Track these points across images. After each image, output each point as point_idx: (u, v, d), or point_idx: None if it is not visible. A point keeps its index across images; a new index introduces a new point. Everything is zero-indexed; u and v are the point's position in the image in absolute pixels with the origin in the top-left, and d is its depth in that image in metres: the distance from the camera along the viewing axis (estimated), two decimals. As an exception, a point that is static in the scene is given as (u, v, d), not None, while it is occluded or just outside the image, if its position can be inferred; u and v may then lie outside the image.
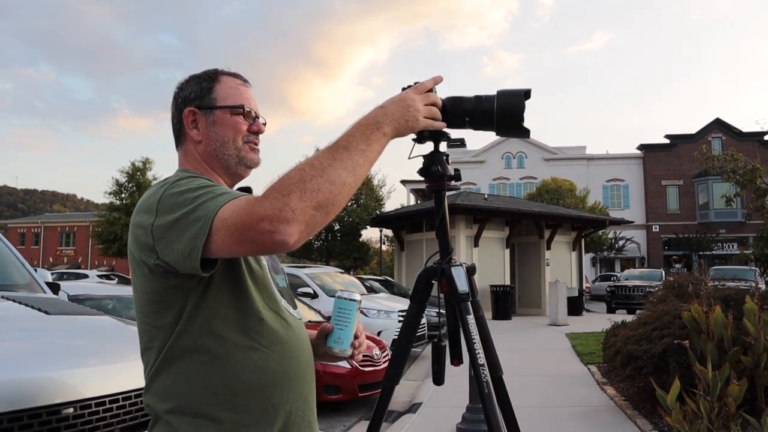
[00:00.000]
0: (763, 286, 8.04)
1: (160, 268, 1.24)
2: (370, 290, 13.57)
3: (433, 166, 1.76)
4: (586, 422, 5.81)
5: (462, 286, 1.61)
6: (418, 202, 31.54)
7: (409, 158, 1.89)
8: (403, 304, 10.65)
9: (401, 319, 9.65)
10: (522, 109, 1.74)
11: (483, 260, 18.18)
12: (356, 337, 1.52)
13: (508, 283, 18.63)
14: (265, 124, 1.52)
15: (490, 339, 1.66)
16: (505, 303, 17.53)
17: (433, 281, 1.69)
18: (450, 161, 1.85)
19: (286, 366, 1.35)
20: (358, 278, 15.99)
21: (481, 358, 1.56)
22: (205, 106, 1.43)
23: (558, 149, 45.25)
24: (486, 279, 17.90)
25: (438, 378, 1.70)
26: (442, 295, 1.70)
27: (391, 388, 1.68)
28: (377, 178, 32.32)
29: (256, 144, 1.48)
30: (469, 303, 1.63)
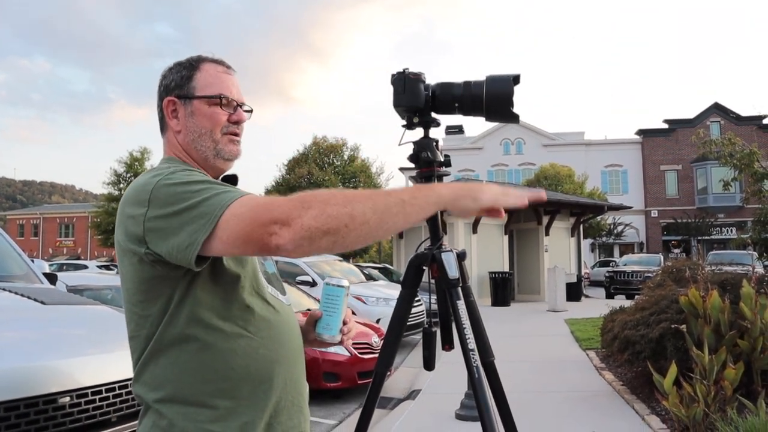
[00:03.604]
0: (760, 270, 8.06)
1: (150, 257, 1.24)
2: (369, 278, 13.59)
3: (423, 153, 1.76)
4: (584, 407, 5.84)
5: (452, 271, 1.62)
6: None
7: (399, 144, 1.89)
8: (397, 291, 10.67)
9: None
10: (511, 94, 1.73)
11: (481, 247, 18.20)
12: (345, 323, 1.53)
13: (506, 269, 18.64)
14: (250, 112, 1.50)
15: (481, 324, 1.66)
16: (504, 289, 17.55)
17: (424, 267, 1.70)
18: (441, 147, 1.84)
19: (275, 352, 1.35)
20: (356, 266, 16.01)
21: (471, 343, 1.57)
22: (183, 96, 1.42)
23: (556, 135, 45.17)
24: (485, 266, 17.93)
25: (428, 363, 1.71)
26: (433, 281, 1.70)
27: (383, 374, 1.69)
28: (375, 166, 32.32)
29: (237, 135, 1.45)
30: (460, 288, 1.63)
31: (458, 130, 2.06)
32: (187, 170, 1.32)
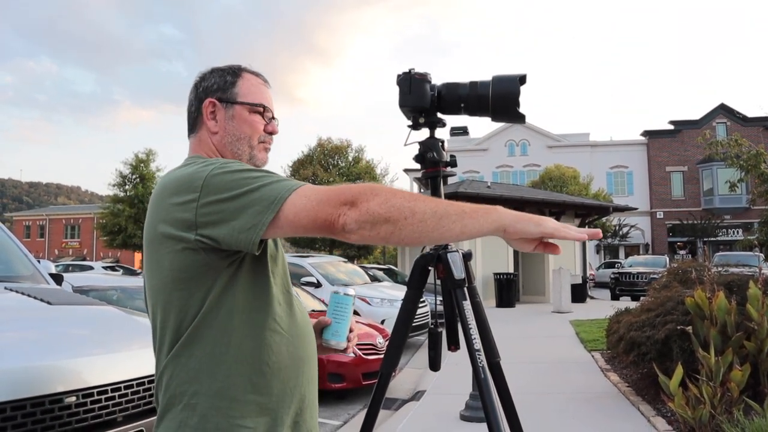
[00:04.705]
0: (767, 272, 8.01)
1: (200, 243, 1.25)
2: (374, 279, 13.59)
3: (428, 153, 1.76)
4: (589, 408, 5.82)
5: (458, 272, 1.62)
6: (421, 190, 31.52)
7: (405, 145, 1.89)
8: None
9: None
10: (517, 94, 1.73)
11: (487, 248, 18.16)
12: (350, 330, 1.59)
13: (512, 270, 18.61)
14: (278, 125, 1.56)
15: (486, 325, 1.66)
16: (509, 291, 17.52)
17: (430, 267, 1.69)
18: (446, 147, 1.84)
19: (300, 350, 1.39)
20: (361, 267, 16.01)
21: (477, 344, 1.56)
22: (225, 100, 1.47)
23: (562, 136, 45.08)
24: (490, 267, 17.89)
25: (434, 364, 1.71)
26: (438, 282, 1.70)
27: (388, 374, 1.69)
28: (380, 167, 32.32)
29: (270, 144, 1.53)
30: (466, 289, 1.63)
31: (463, 131, 2.06)
32: (240, 162, 1.36)
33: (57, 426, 2.10)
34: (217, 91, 1.47)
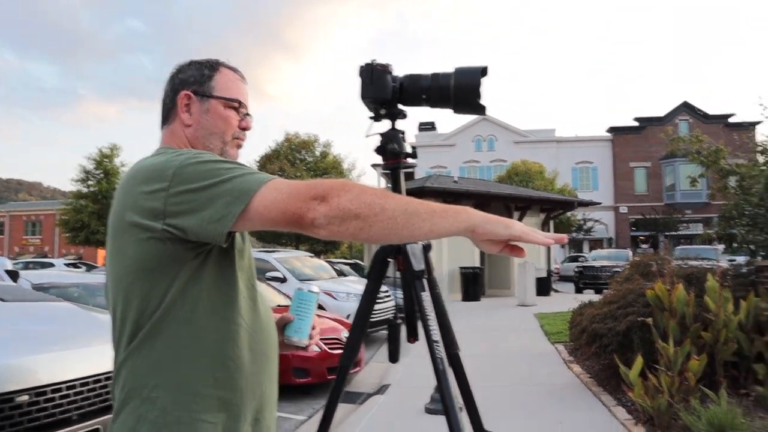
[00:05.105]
0: (724, 265, 8.20)
1: (167, 233, 1.23)
2: (340, 274, 13.57)
3: (389, 145, 1.76)
4: (552, 400, 5.89)
5: (417, 263, 1.61)
6: (388, 185, 31.55)
7: (367, 136, 1.88)
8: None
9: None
10: (478, 85, 1.73)
11: (453, 243, 18.25)
12: (313, 327, 1.58)
13: (478, 265, 18.76)
14: (252, 122, 1.55)
15: (446, 316, 1.66)
16: (474, 285, 17.68)
17: (390, 259, 1.69)
18: (409, 140, 1.84)
19: (262, 346, 1.38)
20: (328, 262, 15.96)
21: (436, 335, 1.56)
22: (201, 93, 1.46)
23: (528, 132, 45.54)
24: (456, 261, 18.01)
25: (393, 356, 1.71)
26: (399, 274, 1.70)
27: (347, 367, 1.68)
28: (347, 162, 32.28)
29: (243, 141, 1.52)
30: (425, 280, 1.63)
31: (431, 126, 2.05)
32: (211, 153, 1.35)
33: (7, 426, 2.05)
34: (193, 84, 1.46)
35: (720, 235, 8.65)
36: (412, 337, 1.72)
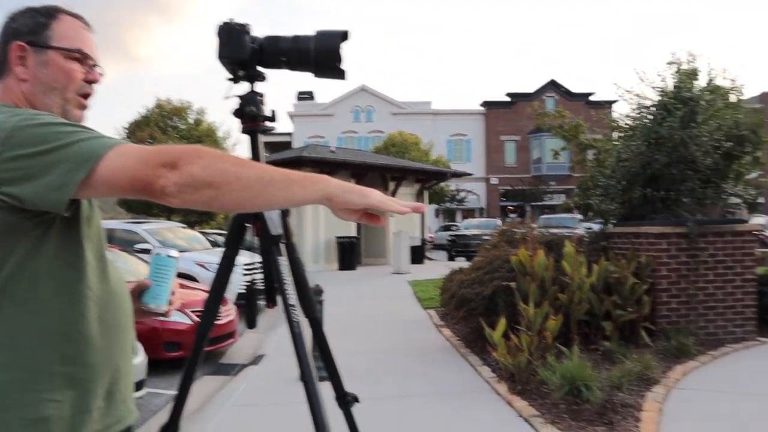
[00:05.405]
0: (581, 232, 8.79)
1: (1, 202, 1.12)
2: (215, 245, 13.26)
3: (247, 107, 1.71)
4: (424, 362, 6.11)
5: (275, 228, 1.59)
6: (267, 154, 31.03)
7: (225, 98, 1.83)
8: (247, 257, 10.50)
9: (246, 272, 9.52)
10: (338, 49, 1.72)
11: (329, 213, 18.15)
12: (172, 293, 1.51)
13: (354, 234, 18.96)
14: (101, 75, 1.42)
15: (305, 281, 1.66)
16: (351, 254, 17.88)
17: (247, 224, 1.66)
18: (265, 102, 1.80)
19: (114, 318, 1.31)
20: (202, 233, 15.55)
21: (292, 299, 1.56)
22: (37, 44, 1.31)
23: (406, 104, 46.24)
24: (332, 231, 18.11)
25: (250, 322, 1.69)
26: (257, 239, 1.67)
27: (204, 335, 1.64)
28: (222, 130, 31.41)
29: (88, 96, 1.39)
30: (284, 245, 1.61)
31: (309, 96, 2.01)
32: (53, 115, 1.23)
33: None
34: (27, 34, 1.31)
35: (578, 205, 9.22)
36: (271, 302, 1.71)
